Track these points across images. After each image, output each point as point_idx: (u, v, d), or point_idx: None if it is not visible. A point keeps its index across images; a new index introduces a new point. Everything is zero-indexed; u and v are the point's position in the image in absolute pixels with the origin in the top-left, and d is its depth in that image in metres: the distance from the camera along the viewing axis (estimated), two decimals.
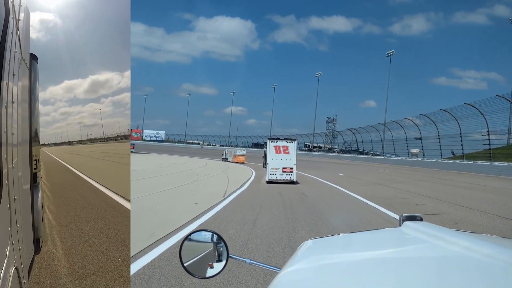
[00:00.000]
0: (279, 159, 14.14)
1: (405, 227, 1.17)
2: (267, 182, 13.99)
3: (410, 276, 0.79)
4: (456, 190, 13.61)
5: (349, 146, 58.72)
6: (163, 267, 3.93)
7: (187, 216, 6.87)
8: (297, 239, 5.21)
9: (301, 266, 0.93)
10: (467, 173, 23.42)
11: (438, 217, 7.39)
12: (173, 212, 7.63)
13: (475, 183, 16.70)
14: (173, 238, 5.17)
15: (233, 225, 6.25)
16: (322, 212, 8.06)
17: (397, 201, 10.02)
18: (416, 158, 36.54)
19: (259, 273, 3.62)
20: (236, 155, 31.84)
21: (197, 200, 9.11)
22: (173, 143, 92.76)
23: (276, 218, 6.90)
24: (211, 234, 1.31)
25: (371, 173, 23.11)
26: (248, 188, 12.35)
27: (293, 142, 14.67)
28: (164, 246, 4.74)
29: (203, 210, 7.63)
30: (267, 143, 14.63)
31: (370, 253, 1.03)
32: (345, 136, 59.83)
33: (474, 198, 10.90)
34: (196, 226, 6.17)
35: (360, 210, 8.42)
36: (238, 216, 7.05)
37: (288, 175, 14.01)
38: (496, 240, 1.09)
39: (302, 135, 73.39)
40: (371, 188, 13.18)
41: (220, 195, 9.98)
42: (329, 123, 74.63)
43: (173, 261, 4.05)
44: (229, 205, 8.46)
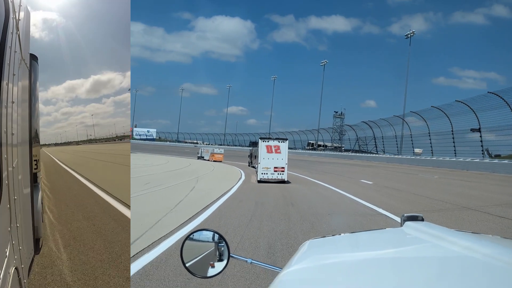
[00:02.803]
0: (270, 158, 14.15)
1: (407, 227, 1.17)
2: (258, 182, 13.93)
3: (411, 276, 0.79)
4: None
5: (364, 142, 49.61)
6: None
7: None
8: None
9: (302, 266, 0.93)
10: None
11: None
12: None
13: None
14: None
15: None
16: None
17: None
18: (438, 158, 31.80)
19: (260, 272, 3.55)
20: (213, 153, 31.00)
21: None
22: (164, 141, 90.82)
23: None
24: (212, 233, 1.31)
25: (415, 181, 17.16)
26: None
27: (285, 141, 14.68)
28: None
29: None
30: (259, 143, 14.61)
31: (371, 253, 1.02)
32: (359, 132, 51.29)
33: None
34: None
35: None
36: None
37: (280, 175, 14.03)
38: (497, 240, 1.09)
39: (305, 132, 66.17)
40: (473, 221, 7.10)
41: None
42: (337, 117, 63.01)
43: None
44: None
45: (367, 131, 48.44)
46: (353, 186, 13.52)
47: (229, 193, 10.21)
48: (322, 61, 67.19)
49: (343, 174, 20.24)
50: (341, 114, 62.99)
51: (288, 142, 14.91)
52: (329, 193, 11.40)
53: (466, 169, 26.05)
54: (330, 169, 24.59)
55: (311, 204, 8.95)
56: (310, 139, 65.92)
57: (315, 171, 21.23)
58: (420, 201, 9.85)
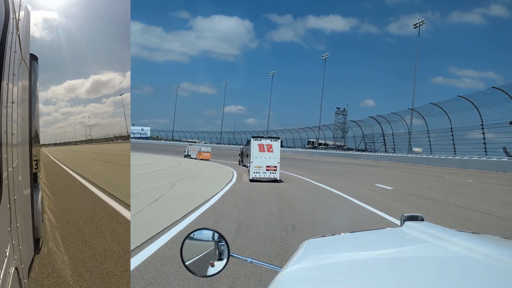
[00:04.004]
0: (262, 157, 14.06)
1: (406, 227, 1.17)
2: (250, 181, 13.82)
3: (410, 276, 0.79)
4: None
5: (371, 140, 44.97)
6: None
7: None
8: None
9: (302, 265, 0.93)
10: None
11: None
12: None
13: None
14: None
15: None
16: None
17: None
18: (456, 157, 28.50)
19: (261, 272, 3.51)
20: (200, 152, 30.77)
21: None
22: (159, 140, 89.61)
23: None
24: (212, 232, 1.32)
25: (447, 186, 13.85)
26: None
27: (277, 140, 14.59)
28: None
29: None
30: (251, 141, 14.47)
31: (371, 252, 1.02)
32: (365, 128, 47.44)
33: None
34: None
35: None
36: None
37: (272, 174, 13.96)
38: (497, 240, 1.09)
39: (305, 129, 63.27)
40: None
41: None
42: (339, 114, 59.54)
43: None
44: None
45: (375, 128, 44.55)
46: (369, 193, 10.78)
47: (207, 205, 7.87)
48: (323, 55, 64.06)
49: (351, 176, 17.71)
50: (343, 110, 59.37)
51: (280, 141, 14.80)
52: (341, 203, 8.91)
53: (503, 170, 22.99)
54: (335, 170, 22.17)
55: (323, 226, 6.11)
56: (310, 137, 62.88)
57: (318, 172, 19.66)
58: (484, 220, 6.99)
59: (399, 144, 40.61)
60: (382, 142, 43.44)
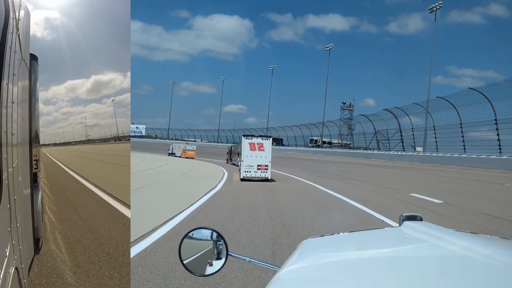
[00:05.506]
0: (254, 156, 13.91)
1: (405, 226, 1.17)
2: (241, 180, 13.64)
3: (409, 275, 0.79)
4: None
5: (385, 137, 37.38)
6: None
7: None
8: None
9: (300, 265, 0.93)
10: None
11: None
12: None
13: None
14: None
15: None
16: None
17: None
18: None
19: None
20: (185, 150, 30.59)
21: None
22: (154, 139, 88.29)
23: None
24: (210, 231, 1.31)
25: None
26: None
27: (268, 139, 14.44)
28: None
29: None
30: (242, 140, 14.29)
31: (369, 252, 1.02)
32: (377, 124, 40.56)
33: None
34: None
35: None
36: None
37: (263, 173, 13.82)
38: (496, 240, 1.09)
39: (308, 126, 57.53)
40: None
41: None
42: (345, 110, 53.40)
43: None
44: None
45: (390, 122, 37.34)
46: (414, 211, 6.64)
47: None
48: (327, 46, 58.11)
49: (370, 180, 14.31)
50: (350, 105, 53.14)
51: (271, 139, 14.64)
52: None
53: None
54: (346, 172, 18.79)
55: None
56: (313, 134, 57.05)
57: (326, 174, 16.76)
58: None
59: (419, 141, 33.98)
60: (398, 139, 36.25)
